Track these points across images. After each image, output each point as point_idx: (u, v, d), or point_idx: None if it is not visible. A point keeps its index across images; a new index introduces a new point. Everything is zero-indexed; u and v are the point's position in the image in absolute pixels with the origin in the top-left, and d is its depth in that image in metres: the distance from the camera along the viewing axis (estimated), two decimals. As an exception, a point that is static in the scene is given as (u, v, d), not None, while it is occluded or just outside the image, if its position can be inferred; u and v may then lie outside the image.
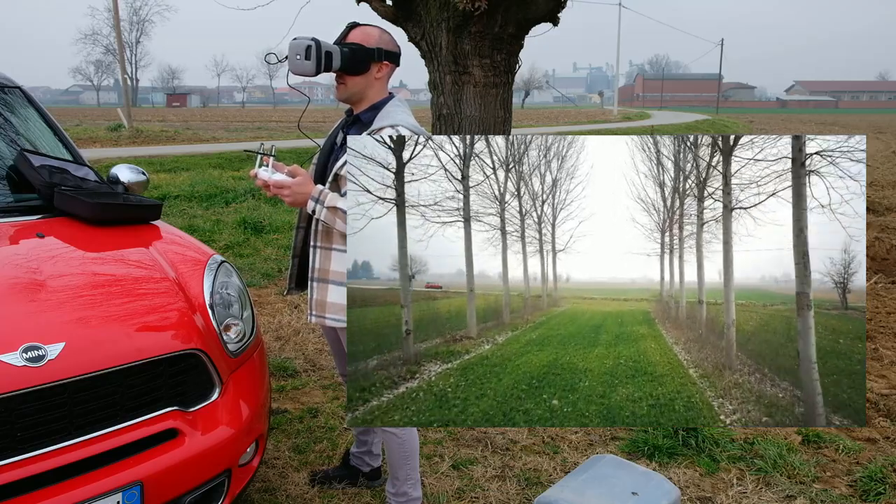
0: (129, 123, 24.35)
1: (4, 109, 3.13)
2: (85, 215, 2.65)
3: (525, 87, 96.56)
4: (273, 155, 2.45)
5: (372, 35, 2.48)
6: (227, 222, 8.69)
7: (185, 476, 2.13)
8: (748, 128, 42.54)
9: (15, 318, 2.00)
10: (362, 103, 2.53)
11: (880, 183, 13.52)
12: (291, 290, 2.77)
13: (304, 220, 2.67)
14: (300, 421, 3.61)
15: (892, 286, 6.43)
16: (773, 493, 3.00)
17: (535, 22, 5.05)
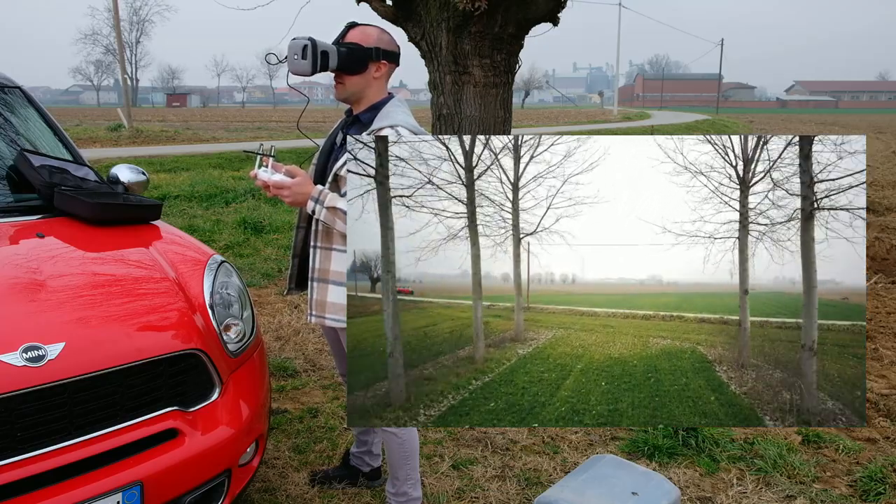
0: (129, 123, 24.36)
1: (4, 109, 3.13)
2: (85, 215, 2.65)
3: (525, 87, 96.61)
4: (272, 155, 2.45)
5: (370, 35, 2.48)
6: (227, 222, 8.69)
7: (185, 476, 2.12)
8: (748, 128, 42.55)
9: (15, 318, 2.00)
10: (361, 103, 2.53)
11: (880, 183, 13.52)
12: (291, 290, 2.77)
13: (304, 220, 2.67)
14: (300, 421, 3.61)
15: (892, 286, 6.43)
16: (773, 493, 3.00)
17: (535, 22, 5.06)
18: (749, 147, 3.76)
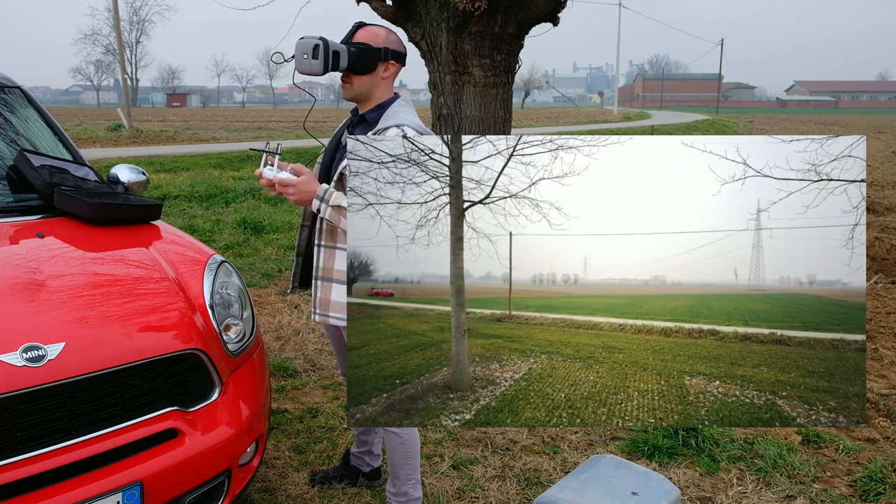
0: (129, 123, 24.35)
1: (4, 109, 3.13)
2: (85, 215, 2.65)
3: (525, 87, 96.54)
4: (278, 154, 2.45)
5: (379, 35, 2.49)
6: (227, 222, 8.69)
7: (185, 476, 2.12)
8: (748, 128, 42.55)
9: (15, 318, 2.00)
10: (368, 103, 2.54)
11: (880, 183, 13.53)
12: (295, 288, 2.77)
13: (309, 218, 2.67)
14: (300, 421, 3.61)
15: (892, 286, 6.43)
16: (773, 493, 3.00)
17: (535, 22, 5.06)
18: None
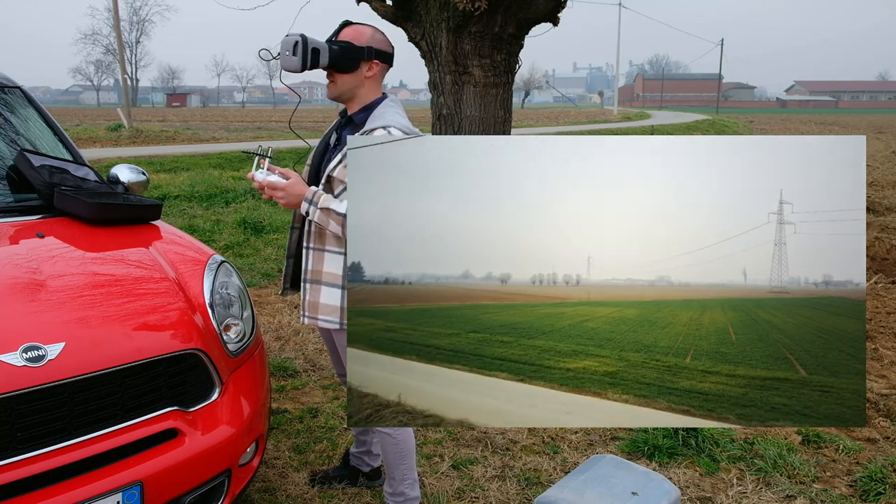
0: (128, 123, 24.35)
1: (4, 109, 3.13)
2: (85, 215, 2.65)
3: (525, 87, 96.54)
4: (269, 157, 2.44)
5: (363, 33, 2.48)
6: (226, 222, 8.69)
7: (185, 476, 2.13)
8: (748, 128, 42.55)
9: (15, 318, 2.00)
10: (354, 103, 2.53)
11: (880, 183, 13.53)
12: (286, 290, 2.78)
13: (299, 220, 2.67)
14: (300, 421, 3.61)
15: (892, 286, 6.43)
16: (773, 493, 3.00)
17: (535, 22, 5.05)
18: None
